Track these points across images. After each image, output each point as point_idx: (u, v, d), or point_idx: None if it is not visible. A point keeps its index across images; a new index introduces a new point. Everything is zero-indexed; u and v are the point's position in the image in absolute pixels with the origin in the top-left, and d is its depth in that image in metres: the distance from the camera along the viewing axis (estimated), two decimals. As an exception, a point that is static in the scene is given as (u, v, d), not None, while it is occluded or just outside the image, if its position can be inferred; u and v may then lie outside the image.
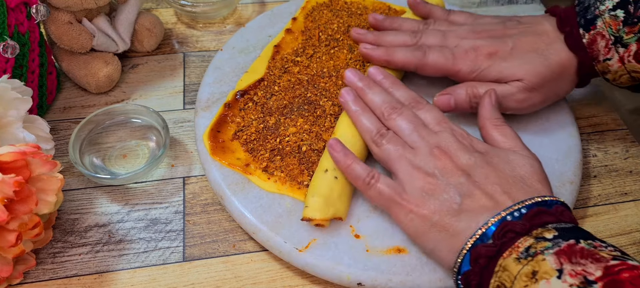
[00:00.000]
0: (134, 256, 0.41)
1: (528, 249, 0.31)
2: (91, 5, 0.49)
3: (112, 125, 0.48)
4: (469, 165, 0.38)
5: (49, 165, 0.37)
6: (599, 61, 0.44)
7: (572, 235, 0.32)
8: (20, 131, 0.41)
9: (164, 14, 0.61)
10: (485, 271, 0.33)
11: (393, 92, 0.45)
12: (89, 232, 0.42)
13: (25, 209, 0.36)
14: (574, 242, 0.31)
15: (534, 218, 0.34)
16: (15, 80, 0.41)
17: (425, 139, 0.40)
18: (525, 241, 0.32)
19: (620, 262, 0.29)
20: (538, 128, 0.49)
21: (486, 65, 0.46)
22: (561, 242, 0.31)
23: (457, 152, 0.39)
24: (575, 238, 0.31)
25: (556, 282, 0.29)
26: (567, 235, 0.32)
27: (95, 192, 0.45)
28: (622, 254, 0.30)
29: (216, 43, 0.59)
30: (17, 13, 0.44)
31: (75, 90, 0.53)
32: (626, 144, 0.52)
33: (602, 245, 0.31)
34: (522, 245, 0.32)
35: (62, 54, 0.51)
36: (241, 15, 0.62)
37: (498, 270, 0.32)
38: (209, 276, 0.40)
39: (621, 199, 0.47)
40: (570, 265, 0.29)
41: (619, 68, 0.43)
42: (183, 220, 0.43)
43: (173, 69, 0.55)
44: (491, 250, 0.33)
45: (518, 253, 0.31)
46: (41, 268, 0.40)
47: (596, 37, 0.43)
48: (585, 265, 0.29)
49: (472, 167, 0.38)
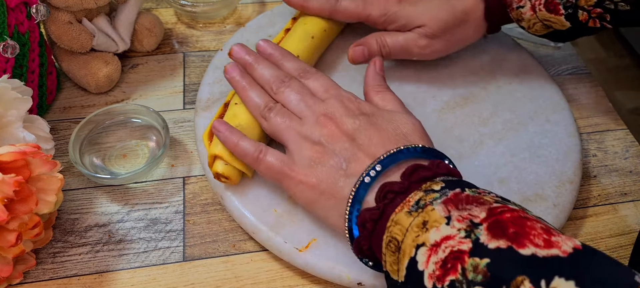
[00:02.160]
0: (134, 256, 0.41)
1: (418, 202, 0.32)
2: (91, 5, 0.49)
3: (112, 125, 0.48)
4: (353, 129, 0.38)
5: (49, 165, 0.37)
6: (513, 8, 0.46)
7: (458, 185, 0.33)
8: (20, 131, 0.41)
9: (164, 14, 0.61)
10: (373, 235, 0.34)
11: (282, 64, 0.45)
12: (89, 231, 0.42)
13: (25, 209, 0.36)
14: (460, 190, 0.32)
15: (412, 175, 0.34)
16: (15, 80, 0.41)
17: (312, 107, 0.40)
18: (415, 195, 0.32)
19: (502, 205, 0.30)
20: (538, 128, 0.49)
21: (395, 10, 0.49)
22: (448, 191, 0.32)
23: (342, 117, 0.39)
24: (460, 187, 0.32)
25: (445, 228, 0.30)
26: (454, 185, 0.33)
27: (95, 192, 0.45)
28: (503, 199, 0.32)
29: (216, 43, 0.59)
30: (17, 13, 0.44)
31: (75, 90, 0.53)
32: (626, 143, 0.52)
33: (485, 192, 0.32)
34: (413, 199, 0.32)
35: (62, 54, 0.51)
36: (241, 15, 0.62)
37: (390, 225, 0.32)
38: (209, 276, 0.40)
39: (621, 199, 0.47)
40: (457, 211, 0.30)
41: (531, 16, 0.45)
42: (183, 220, 0.43)
43: (173, 68, 0.55)
44: (375, 213, 0.33)
45: (409, 207, 0.32)
46: (41, 268, 0.40)
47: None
48: (471, 209, 0.30)
49: (356, 130, 0.38)
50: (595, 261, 0.26)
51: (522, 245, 0.27)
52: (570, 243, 0.27)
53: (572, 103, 0.55)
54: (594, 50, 0.62)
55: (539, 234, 0.28)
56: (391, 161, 0.35)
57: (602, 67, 0.59)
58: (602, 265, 0.26)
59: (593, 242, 0.44)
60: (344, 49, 0.55)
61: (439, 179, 0.34)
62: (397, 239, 0.32)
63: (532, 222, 0.29)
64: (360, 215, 0.35)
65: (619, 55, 0.61)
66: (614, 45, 0.63)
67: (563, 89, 0.56)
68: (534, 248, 0.27)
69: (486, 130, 0.49)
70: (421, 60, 0.52)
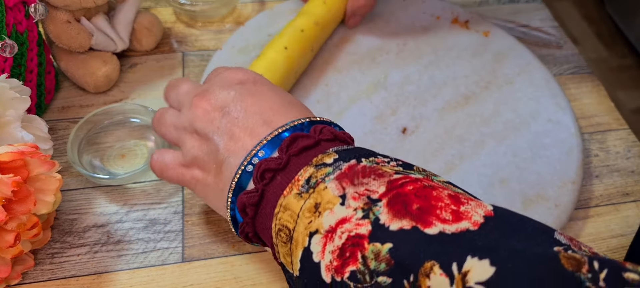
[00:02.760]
0: (132, 257, 0.41)
1: (309, 180, 0.28)
2: (90, 5, 0.49)
3: (110, 125, 0.48)
4: (226, 101, 0.33)
5: (47, 165, 0.37)
6: None
7: (353, 155, 0.29)
8: (18, 131, 0.40)
9: (163, 13, 0.61)
10: (256, 220, 0.30)
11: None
12: (87, 232, 0.42)
13: (24, 209, 0.35)
14: (355, 162, 0.28)
15: (290, 147, 0.30)
16: (14, 80, 0.40)
17: (188, 94, 0.36)
18: (305, 172, 0.28)
19: (403, 176, 0.26)
20: (540, 128, 0.49)
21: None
22: (342, 164, 0.28)
23: (215, 91, 0.34)
24: (356, 157, 0.28)
25: (340, 209, 0.26)
26: (348, 156, 0.28)
27: (93, 192, 0.45)
28: (405, 168, 0.28)
29: (215, 42, 0.58)
30: (16, 12, 0.43)
31: (73, 89, 0.52)
32: (628, 144, 0.51)
33: (384, 161, 0.29)
34: (302, 178, 0.28)
35: (60, 53, 0.51)
36: (240, 14, 0.62)
37: (278, 211, 0.28)
38: (208, 277, 0.40)
39: (623, 199, 0.47)
40: (353, 187, 0.26)
41: None
42: (182, 221, 0.43)
43: (172, 68, 0.55)
44: (254, 197, 0.29)
45: (299, 187, 0.28)
46: (40, 268, 0.40)
47: None
48: (368, 183, 0.26)
49: (231, 102, 0.33)
50: (510, 229, 0.23)
51: (428, 223, 0.24)
52: (481, 211, 0.24)
53: (574, 103, 0.54)
54: (596, 49, 0.61)
55: (446, 205, 0.24)
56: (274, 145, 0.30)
57: (604, 67, 0.59)
58: (518, 233, 0.23)
59: (595, 243, 0.44)
60: (343, 48, 0.55)
61: (332, 150, 0.29)
62: (288, 227, 0.28)
63: (438, 191, 0.25)
64: (239, 200, 0.30)
65: (621, 55, 0.61)
66: (616, 45, 0.62)
67: (565, 88, 0.56)
68: (441, 224, 0.24)
69: (488, 129, 0.49)
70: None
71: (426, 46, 0.56)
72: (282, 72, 0.48)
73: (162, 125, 0.37)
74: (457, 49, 0.55)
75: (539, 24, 0.62)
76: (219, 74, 0.37)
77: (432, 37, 0.56)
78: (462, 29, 0.58)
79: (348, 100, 0.50)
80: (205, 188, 0.34)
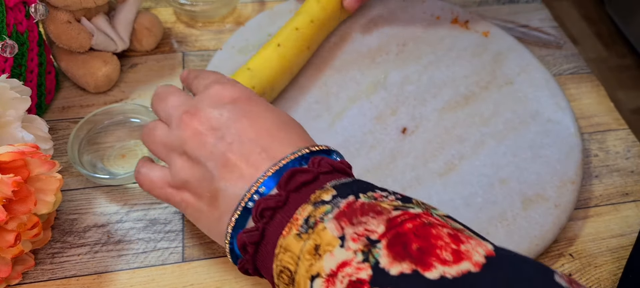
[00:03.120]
0: (133, 256, 0.41)
1: (307, 220, 0.27)
2: (90, 5, 0.49)
3: (111, 125, 0.48)
4: (219, 123, 0.31)
5: (47, 165, 0.37)
6: None
7: (351, 190, 0.28)
8: (18, 131, 0.40)
9: (163, 13, 0.61)
10: (257, 257, 0.29)
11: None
12: (87, 232, 0.42)
13: (24, 209, 0.35)
14: (353, 198, 0.27)
15: (289, 183, 0.29)
16: (14, 80, 0.40)
17: (177, 107, 0.34)
18: (303, 210, 0.27)
19: (402, 212, 0.26)
20: (539, 128, 0.49)
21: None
22: (340, 201, 0.27)
23: (205, 109, 0.32)
24: (354, 193, 0.27)
25: (340, 252, 0.25)
26: (346, 191, 0.28)
27: (94, 192, 0.45)
28: (403, 202, 0.27)
29: (215, 42, 0.58)
30: (16, 12, 0.43)
31: (74, 89, 0.52)
32: (627, 144, 0.51)
33: (383, 195, 0.28)
34: (301, 217, 0.27)
35: (60, 53, 0.51)
36: (241, 14, 0.62)
37: (279, 252, 0.27)
38: (208, 276, 0.40)
39: (622, 199, 0.47)
40: (352, 227, 0.25)
41: None
42: (182, 220, 0.43)
43: (172, 68, 0.55)
44: (254, 235, 0.29)
45: (298, 227, 0.27)
46: (40, 268, 0.40)
47: None
48: (367, 222, 0.25)
49: (224, 124, 0.31)
50: (512, 269, 0.23)
51: (428, 266, 0.23)
52: (482, 251, 0.24)
53: (573, 103, 0.54)
54: (595, 49, 0.61)
55: (446, 244, 0.24)
56: (274, 180, 0.29)
57: (603, 67, 0.59)
58: (520, 273, 0.23)
59: (594, 243, 0.44)
60: (342, 48, 0.55)
61: (330, 185, 0.29)
62: (289, 269, 0.27)
63: (438, 229, 0.25)
64: (238, 238, 0.30)
65: (620, 55, 0.61)
66: (615, 45, 0.62)
67: (564, 88, 0.56)
68: (442, 267, 0.23)
69: (487, 129, 0.49)
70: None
71: (426, 46, 0.56)
72: (275, 70, 0.47)
73: (152, 142, 0.35)
74: (457, 49, 0.56)
75: (539, 24, 0.62)
76: (209, 88, 0.35)
77: (432, 37, 0.56)
78: (462, 29, 0.58)
79: (347, 100, 0.51)
80: (198, 214, 0.33)
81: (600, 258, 0.43)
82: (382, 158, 0.46)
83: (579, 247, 0.44)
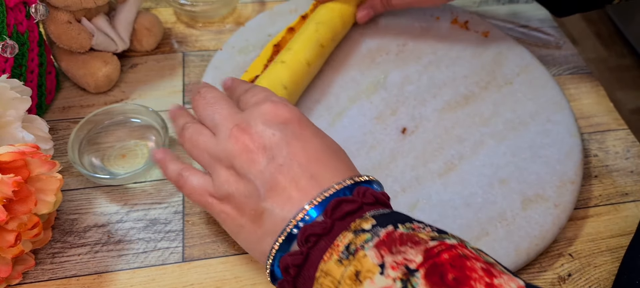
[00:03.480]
0: (133, 256, 0.41)
1: (348, 247, 0.28)
2: (90, 5, 0.49)
3: (111, 125, 0.48)
4: (271, 143, 0.32)
5: (48, 165, 0.37)
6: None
7: (390, 220, 0.29)
8: (19, 131, 0.40)
9: (163, 13, 0.61)
10: (298, 280, 0.30)
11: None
12: (88, 232, 0.42)
13: (24, 209, 0.35)
14: (392, 228, 0.28)
15: (335, 212, 0.30)
16: (14, 80, 0.40)
17: (227, 118, 0.34)
18: (344, 238, 0.28)
19: (439, 243, 0.27)
20: (539, 128, 0.49)
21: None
22: (380, 230, 0.28)
23: (258, 126, 0.32)
24: (393, 223, 0.28)
25: (380, 279, 0.26)
26: (385, 221, 0.29)
27: (94, 192, 0.45)
28: (440, 233, 0.28)
29: (215, 42, 0.58)
30: (16, 12, 0.43)
31: (74, 89, 0.53)
32: (627, 144, 0.51)
33: (420, 226, 0.29)
34: (342, 243, 0.28)
35: (61, 54, 0.51)
36: (241, 14, 0.62)
37: (320, 276, 0.28)
38: (208, 276, 0.40)
39: (622, 199, 0.47)
40: (391, 255, 0.26)
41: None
42: (182, 221, 0.43)
43: (172, 68, 0.55)
44: (298, 259, 0.29)
45: (338, 253, 0.28)
46: (40, 268, 0.40)
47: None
48: (405, 252, 0.27)
49: (276, 145, 0.32)
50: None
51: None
52: (513, 285, 0.25)
53: (573, 103, 0.54)
54: (595, 49, 0.61)
55: (480, 277, 0.25)
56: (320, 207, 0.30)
57: (603, 67, 0.59)
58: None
59: (594, 242, 0.44)
60: (343, 48, 0.55)
61: (369, 214, 0.30)
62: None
63: (472, 262, 0.26)
64: (281, 260, 0.30)
65: (620, 55, 0.61)
66: (615, 45, 0.62)
67: (564, 88, 0.56)
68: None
69: (487, 129, 0.49)
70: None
71: (426, 46, 0.56)
72: (304, 86, 0.49)
73: (195, 148, 0.35)
74: (457, 50, 0.56)
75: (539, 24, 0.62)
76: (260, 105, 0.34)
77: (432, 38, 0.57)
78: (462, 29, 0.58)
79: (348, 100, 0.51)
80: (238, 228, 0.33)
81: (600, 258, 0.43)
82: (382, 158, 0.46)
83: (579, 247, 0.44)
